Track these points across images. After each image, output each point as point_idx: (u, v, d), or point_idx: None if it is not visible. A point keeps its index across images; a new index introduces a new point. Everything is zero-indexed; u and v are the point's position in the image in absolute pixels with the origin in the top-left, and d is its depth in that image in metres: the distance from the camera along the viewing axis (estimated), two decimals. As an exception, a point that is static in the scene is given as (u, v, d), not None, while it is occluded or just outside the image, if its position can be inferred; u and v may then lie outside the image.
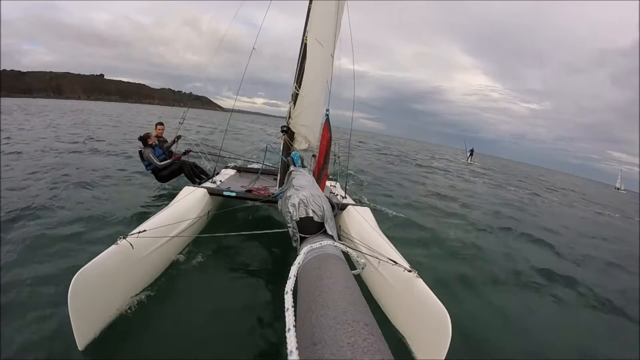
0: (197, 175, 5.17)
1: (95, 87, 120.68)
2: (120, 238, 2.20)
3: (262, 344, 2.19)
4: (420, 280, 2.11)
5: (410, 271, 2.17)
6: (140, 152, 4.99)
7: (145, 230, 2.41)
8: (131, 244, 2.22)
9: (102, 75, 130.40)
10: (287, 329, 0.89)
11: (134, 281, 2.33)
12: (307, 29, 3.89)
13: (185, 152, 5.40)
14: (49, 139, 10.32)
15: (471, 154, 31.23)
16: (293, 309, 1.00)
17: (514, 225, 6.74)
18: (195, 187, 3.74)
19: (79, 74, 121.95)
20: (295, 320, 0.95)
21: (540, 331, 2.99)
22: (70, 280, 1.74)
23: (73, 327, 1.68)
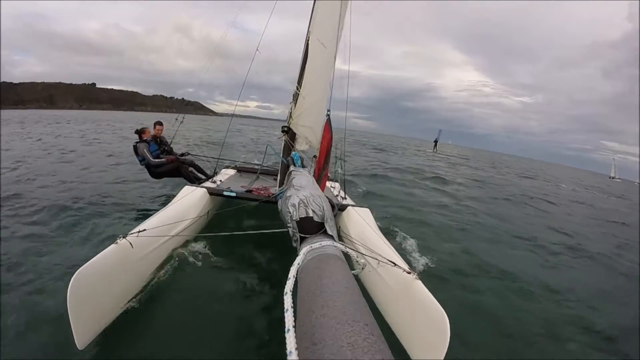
0: (196, 177, 5.13)
1: (87, 96, 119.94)
2: (120, 237, 2.19)
3: (262, 344, 2.18)
4: (419, 282, 2.10)
5: (409, 273, 2.16)
6: (134, 146, 4.95)
7: (145, 230, 2.40)
8: (131, 243, 2.21)
9: (94, 84, 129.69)
10: (286, 330, 0.89)
11: (133, 280, 2.32)
12: (310, 29, 3.89)
13: (183, 154, 5.37)
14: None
15: (435, 144, 36.64)
16: (293, 309, 0.99)
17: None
18: (195, 187, 3.73)
19: (70, 84, 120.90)
20: (295, 321, 0.95)
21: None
22: (70, 280, 1.73)
23: (72, 327, 1.67)
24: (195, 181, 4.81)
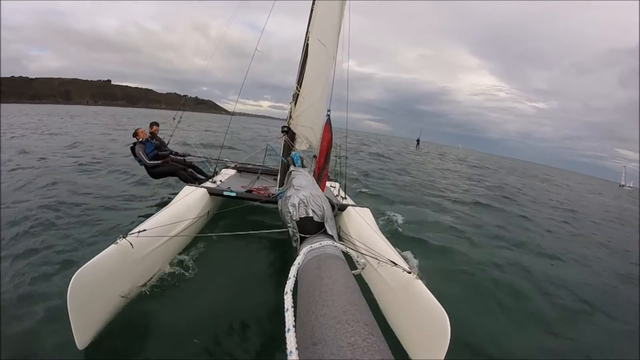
0: (195, 177, 5.12)
1: (102, 93, 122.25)
2: (120, 237, 2.19)
3: (262, 344, 2.18)
4: (420, 281, 2.10)
5: (409, 272, 2.16)
6: (132, 147, 4.94)
7: (145, 230, 2.40)
8: (131, 243, 2.21)
9: (109, 81, 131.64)
10: (286, 330, 0.89)
11: (133, 280, 2.32)
12: (310, 29, 3.89)
13: (177, 154, 5.36)
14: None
15: (418, 143, 40.35)
16: (293, 309, 0.99)
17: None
18: (196, 187, 3.73)
19: (86, 80, 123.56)
20: (295, 321, 0.95)
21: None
22: (70, 279, 1.73)
23: (72, 327, 1.67)
24: (193, 181, 4.80)
